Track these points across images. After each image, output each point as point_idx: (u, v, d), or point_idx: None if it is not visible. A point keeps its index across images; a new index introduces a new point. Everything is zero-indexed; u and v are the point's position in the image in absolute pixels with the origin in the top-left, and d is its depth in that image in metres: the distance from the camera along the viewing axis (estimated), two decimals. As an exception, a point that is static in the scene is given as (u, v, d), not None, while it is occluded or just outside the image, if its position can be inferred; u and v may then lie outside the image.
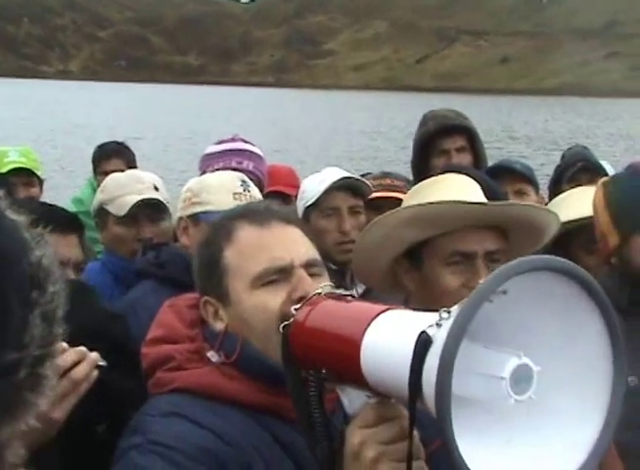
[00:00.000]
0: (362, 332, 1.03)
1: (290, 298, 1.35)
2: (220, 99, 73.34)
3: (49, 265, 0.79)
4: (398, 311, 1.06)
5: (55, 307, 0.79)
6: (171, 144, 26.96)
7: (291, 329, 1.16)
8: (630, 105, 66.08)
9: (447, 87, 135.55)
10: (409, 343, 0.93)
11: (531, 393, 0.91)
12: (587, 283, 0.95)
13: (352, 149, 26.83)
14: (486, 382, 0.92)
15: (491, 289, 0.89)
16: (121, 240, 2.81)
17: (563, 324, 0.97)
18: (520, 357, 0.91)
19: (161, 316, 1.54)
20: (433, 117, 3.43)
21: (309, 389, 1.14)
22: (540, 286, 0.94)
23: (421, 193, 1.99)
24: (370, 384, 1.04)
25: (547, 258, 0.94)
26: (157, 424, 1.34)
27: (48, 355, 0.78)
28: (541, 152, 23.79)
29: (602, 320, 0.97)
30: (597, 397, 0.97)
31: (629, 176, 2.28)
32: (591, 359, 0.97)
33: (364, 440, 1.07)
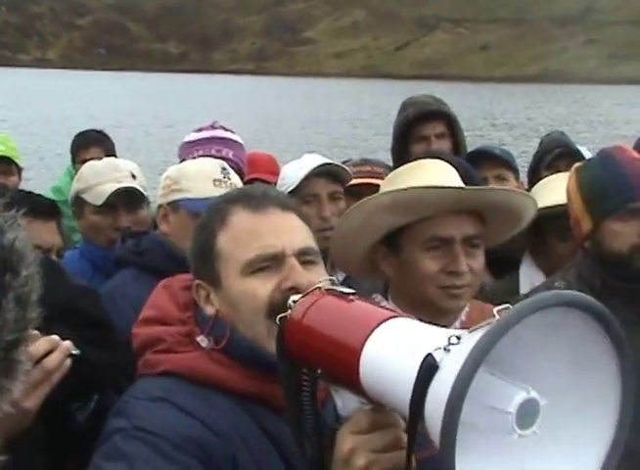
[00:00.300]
0: (363, 340, 1.00)
1: (279, 287, 1.35)
2: (201, 87, 72.85)
3: (22, 248, 0.78)
4: (403, 321, 1.03)
5: (29, 291, 0.77)
6: (152, 132, 26.76)
7: (287, 323, 1.13)
8: (608, 91, 66.46)
9: (427, 75, 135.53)
10: (413, 364, 0.90)
11: (536, 427, 0.89)
12: (605, 318, 0.92)
13: (334, 137, 26.79)
14: (491, 413, 0.89)
15: (511, 323, 0.85)
16: (99, 229, 2.80)
17: (573, 355, 0.94)
18: (528, 392, 0.88)
19: (155, 297, 1.53)
20: (412, 104, 3.44)
21: (302, 387, 1.13)
22: (554, 318, 0.91)
23: (398, 179, 1.99)
24: (367, 394, 1.02)
25: (575, 295, 0.91)
26: (143, 409, 1.33)
27: (22, 340, 0.76)
28: (522, 139, 23.88)
29: (614, 354, 0.94)
30: (602, 429, 0.95)
31: (601, 161, 2.30)
32: (599, 391, 0.95)
33: (355, 446, 1.05)
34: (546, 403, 0.89)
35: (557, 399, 0.93)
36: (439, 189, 1.83)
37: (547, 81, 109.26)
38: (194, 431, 1.30)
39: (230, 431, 1.33)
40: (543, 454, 0.94)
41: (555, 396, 0.92)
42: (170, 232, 2.42)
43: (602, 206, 2.22)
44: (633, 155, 2.32)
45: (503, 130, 30.03)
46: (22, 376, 0.77)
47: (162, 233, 2.46)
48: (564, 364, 0.94)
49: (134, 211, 2.81)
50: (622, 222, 2.19)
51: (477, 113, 37.76)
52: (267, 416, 1.36)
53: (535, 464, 0.94)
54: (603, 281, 2.24)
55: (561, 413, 0.94)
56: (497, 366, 0.91)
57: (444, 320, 1.90)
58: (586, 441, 0.95)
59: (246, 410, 1.37)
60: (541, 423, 0.89)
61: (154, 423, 1.30)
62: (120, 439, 1.30)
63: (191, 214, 2.31)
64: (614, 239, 2.19)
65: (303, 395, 1.12)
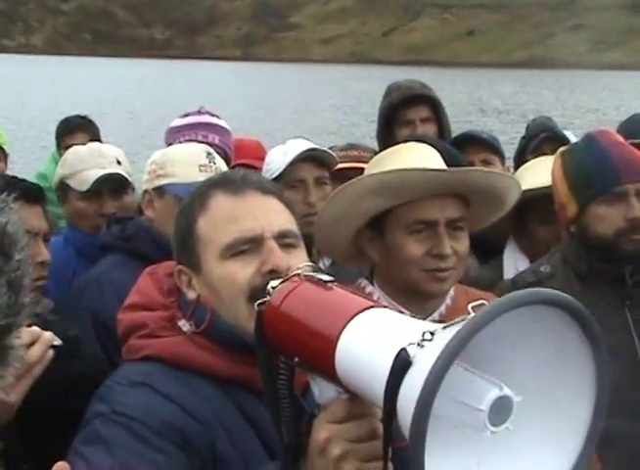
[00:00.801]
0: (339, 331, 1.00)
1: (259, 271, 1.35)
2: (187, 73, 72.37)
3: (14, 233, 0.76)
4: (380, 312, 1.02)
5: (21, 275, 0.76)
6: (137, 118, 26.60)
7: (266, 309, 1.13)
8: (596, 77, 66.62)
9: (414, 60, 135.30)
10: (387, 358, 0.90)
11: (509, 424, 0.88)
12: (582, 316, 0.92)
13: (322, 123, 26.72)
14: (464, 409, 0.88)
15: (485, 321, 0.85)
16: (83, 215, 2.78)
17: (550, 352, 0.95)
18: (500, 389, 0.87)
19: (140, 283, 1.54)
20: (397, 89, 3.44)
21: (279, 374, 1.12)
22: (531, 315, 0.91)
23: (382, 162, 1.99)
24: (343, 384, 1.02)
25: (551, 293, 0.90)
26: (123, 394, 1.34)
27: (14, 325, 0.75)
28: (512, 125, 23.90)
29: (590, 351, 0.94)
30: (575, 425, 0.95)
31: (586, 145, 2.30)
32: (575, 387, 0.95)
33: (331, 436, 1.05)
34: (520, 400, 0.88)
35: (532, 395, 0.93)
36: (423, 171, 1.83)
37: (534, 67, 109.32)
38: (174, 417, 1.30)
39: (210, 416, 1.33)
40: (518, 448, 0.94)
41: (530, 391, 0.92)
42: (156, 217, 2.41)
43: (587, 190, 2.22)
44: (618, 139, 2.32)
45: (492, 116, 30.04)
46: (16, 362, 0.76)
47: (148, 219, 2.45)
48: (541, 360, 0.94)
49: (119, 197, 2.79)
50: (608, 206, 2.19)
51: (465, 98, 37.74)
52: (248, 399, 1.36)
53: (510, 458, 0.94)
54: (588, 265, 2.25)
55: (536, 409, 0.94)
56: (473, 362, 0.91)
57: (430, 304, 1.90)
58: (562, 435, 0.95)
59: (226, 394, 1.37)
60: (516, 418, 0.89)
61: (134, 408, 1.30)
62: (100, 423, 1.31)
63: (176, 200, 2.29)
64: (599, 223, 2.20)
65: (280, 382, 1.12)
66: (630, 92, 40.41)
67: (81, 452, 1.29)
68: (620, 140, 2.32)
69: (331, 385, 1.07)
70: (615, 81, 55.76)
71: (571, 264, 2.29)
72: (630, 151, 2.27)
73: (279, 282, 1.14)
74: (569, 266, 2.29)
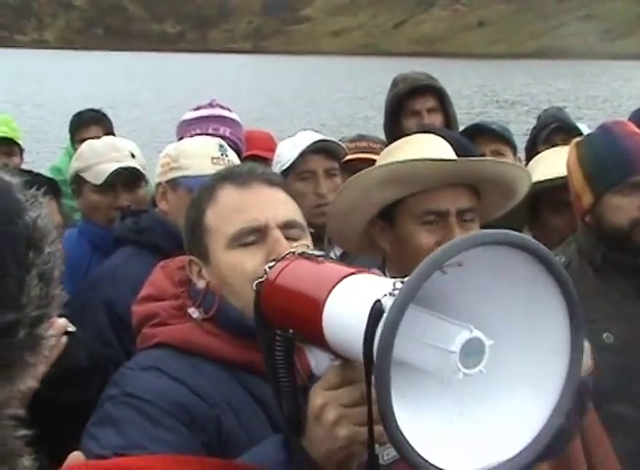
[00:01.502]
0: (325, 295, 1.03)
1: (266, 261, 1.36)
2: (198, 66, 72.44)
3: (45, 226, 0.79)
4: (364, 276, 1.06)
5: (52, 268, 0.79)
6: (149, 112, 26.66)
7: (262, 286, 1.18)
8: (607, 67, 66.09)
9: (425, 52, 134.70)
10: (364, 311, 0.93)
11: (482, 367, 0.90)
12: (545, 258, 0.94)
13: (332, 114, 26.69)
14: (437, 354, 0.91)
15: (439, 261, 0.88)
16: (98, 208, 2.81)
17: (521, 298, 0.97)
18: (471, 331, 0.90)
19: (153, 276, 1.59)
20: (403, 80, 3.46)
21: (277, 347, 1.16)
22: (498, 260, 0.93)
23: (392, 153, 1.99)
24: (332, 348, 1.05)
25: (502, 233, 0.93)
26: (134, 377, 1.39)
27: (46, 316, 0.78)
28: (526, 116, 23.79)
29: (561, 295, 0.96)
30: (554, 368, 0.97)
31: (601, 136, 2.30)
32: (549, 333, 0.96)
33: (325, 402, 1.08)
34: (494, 343, 0.90)
35: (509, 341, 0.95)
36: (433, 161, 1.84)
37: (545, 57, 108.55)
38: (180, 395, 1.34)
39: (217, 396, 1.37)
40: (499, 396, 0.96)
41: (505, 337, 0.95)
42: (169, 210, 2.43)
43: (602, 180, 2.22)
44: (633, 129, 2.31)
45: (506, 107, 29.83)
46: (47, 351, 0.79)
47: (161, 211, 2.47)
48: (514, 307, 0.97)
49: (133, 190, 2.82)
50: (623, 196, 2.19)
51: (479, 90, 37.52)
52: (256, 382, 1.39)
53: (492, 406, 0.96)
54: (603, 255, 2.24)
55: (513, 355, 0.96)
56: (446, 311, 0.94)
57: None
58: (541, 378, 0.97)
59: (234, 378, 1.41)
60: (495, 365, 0.91)
61: (142, 389, 1.35)
62: (111, 405, 1.36)
63: (190, 192, 2.31)
64: (614, 213, 2.20)
65: (278, 354, 1.16)
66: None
67: (93, 434, 1.34)
68: (636, 130, 2.31)
69: (325, 354, 1.10)
70: (627, 71, 55.27)
71: (585, 255, 2.29)
72: (646, 141, 2.25)
73: (275, 262, 1.19)
74: (583, 256, 2.28)
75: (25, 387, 0.78)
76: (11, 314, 0.74)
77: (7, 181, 0.80)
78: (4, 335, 0.74)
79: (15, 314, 0.74)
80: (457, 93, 28.98)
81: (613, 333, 2.17)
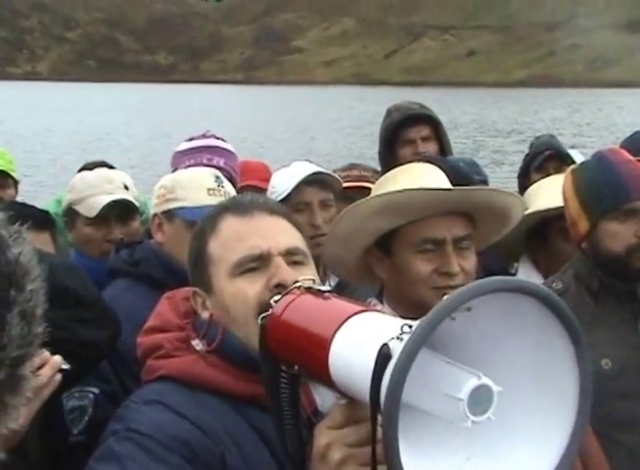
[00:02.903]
0: (332, 334, 1.02)
1: (267, 285, 1.38)
2: (191, 97, 72.90)
3: (27, 263, 0.77)
4: (370, 315, 1.05)
5: (34, 306, 0.77)
6: (143, 143, 26.76)
7: (268, 321, 1.17)
8: (597, 95, 66.84)
9: (416, 81, 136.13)
10: (371, 354, 0.92)
11: (490, 413, 0.89)
12: (556, 306, 0.94)
13: (326, 144, 26.84)
14: (445, 400, 0.90)
15: (450, 308, 0.88)
16: (91, 240, 2.79)
17: (530, 345, 0.96)
18: (479, 378, 0.89)
19: (159, 307, 1.58)
20: (396, 109, 3.49)
21: (281, 384, 1.15)
22: (507, 306, 0.93)
23: (389, 182, 2.00)
24: (337, 386, 1.04)
25: (513, 280, 0.93)
26: (137, 412, 1.38)
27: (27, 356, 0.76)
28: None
29: (569, 341, 0.95)
30: (562, 418, 0.96)
31: (596, 163, 2.32)
32: (557, 379, 0.96)
33: (331, 441, 1.06)
34: (502, 391, 0.90)
35: (515, 388, 0.94)
36: (428, 190, 1.85)
37: (534, 86, 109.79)
38: (183, 431, 1.33)
39: (220, 431, 1.36)
40: (507, 443, 0.96)
41: (513, 384, 0.94)
42: (165, 241, 2.42)
43: (598, 206, 2.24)
44: (627, 157, 2.35)
45: (500, 136, 30.00)
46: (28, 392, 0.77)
47: (157, 243, 2.46)
48: (523, 354, 0.96)
49: (126, 222, 2.81)
50: (618, 223, 2.21)
51: (473, 119, 37.79)
52: (259, 417, 1.38)
53: (499, 452, 0.95)
54: (600, 281, 2.26)
55: (522, 403, 0.95)
56: (454, 354, 0.93)
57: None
58: (548, 427, 0.96)
59: (238, 411, 1.39)
60: (503, 412, 0.90)
61: (145, 424, 1.34)
62: (114, 440, 1.34)
63: (186, 223, 2.31)
64: (610, 239, 2.21)
65: (282, 391, 1.15)
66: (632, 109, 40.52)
67: (94, 469, 1.32)
68: (630, 158, 2.34)
69: (330, 392, 1.09)
70: (616, 99, 55.92)
71: (583, 281, 2.30)
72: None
73: (281, 296, 1.18)
74: (581, 283, 2.29)
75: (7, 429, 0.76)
76: None
77: None
78: None
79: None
80: (452, 122, 29.31)
81: (611, 359, 2.17)
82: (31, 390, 0.77)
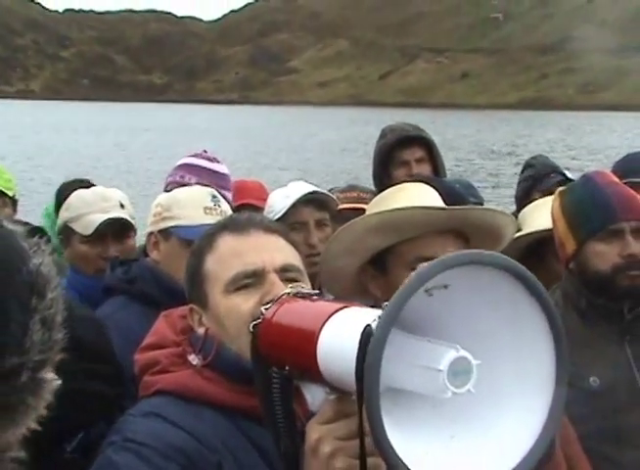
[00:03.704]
0: (319, 328, 1.05)
1: (261, 302, 1.38)
2: (186, 117, 73.10)
3: (47, 273, 0.82)
4: (356, 308, 1.08)
5: (54, 313, 0.82)
6: (137, 162, 26.80)
7: (259, 326, 1.19)
8: (587, 118, 67.37)
9: (410, 102, 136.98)
10: (356, 336, 0.95)
11: (470, 386, 0.92)
12: (525, 278, 0.97)
13: (321, 164, 26.94)
14: (425, 374, 0.93)
15: (423, 278, 0.91)
16: (87, 258, 2.80)
17: (507, 319, 0.99)
18: (457, 350, 0.92)
19: (156, 325, 1.60)
20: (391, 131, 3.52)
21: (273, 386, 1.17)
22: (483, 282, 0.96)
23: (384, 202, 2.03)
24: (326, 379, 1.06)
25: (482, 252, 0.96)
26: (134, 423, 1.40)
27: (48, 360, 0.81)
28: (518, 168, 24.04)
29: (544, 316, 0.98)
30: (541, 389, 0.98)
31: (583, 185, 2.36)
32: (534, 351, 0.98)
33: (322, 435, 1.08)
34: (481, 364, 0.92)
35: (495, 362, 0.97)
36: (421, 209, 1.88)
37: (527, 108, 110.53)
38: (179, 440, 1.35)
39: (217, 442, 1.38)
40: (485, 418, 0.98)
41: (492, 358, 0.97)
42: (161, 260, 2.43)
43: (585, 227, 2.27)
44: (613, 179, 2.39)
45: (497, 159, 30.10)
46: (48, 395, 0.81)
47: (153, 261, 2.47)
48: (500, 327, 0.99)
49: (122, 240, 2.82)
50: (604, 243, 2.24)
51: (471, 141, 37.95)
52: (255, 429, 1.39)
53: (483, 428, 0.98)
54: (588, 300, 2.29)
55: (501, 376, 0.98)
56: (435, 333, 0.97)
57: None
58: (526, 401, 0.98)
59: (234, 424, 1.41)
60: (479, 385, 0.92)
61: (142, 434, 1.36)
62: (111, 451, 1.37)
63: (182, 242, 2.33)
64: (597, 259, 2.24)
65: (274, 393, 1.16)
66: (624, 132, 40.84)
67: None
68: (616, 180, 2.39)
69: (321, 390, 1.11)
70: (608, 122, 56.38)
71: (570, 300, 2.33)
72: (625, 190, 2.32)
73: (270, 304, 1.21)
74: (569, 302, 2.32)
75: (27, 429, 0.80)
76: (15, 359, 0.77)
77: (10, 230, 0.83)
78: (8, 379, 0.76)
79: (18, 359, 0.77)
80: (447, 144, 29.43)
81: (599, 377, 2.19)
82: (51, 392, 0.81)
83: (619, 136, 39.12)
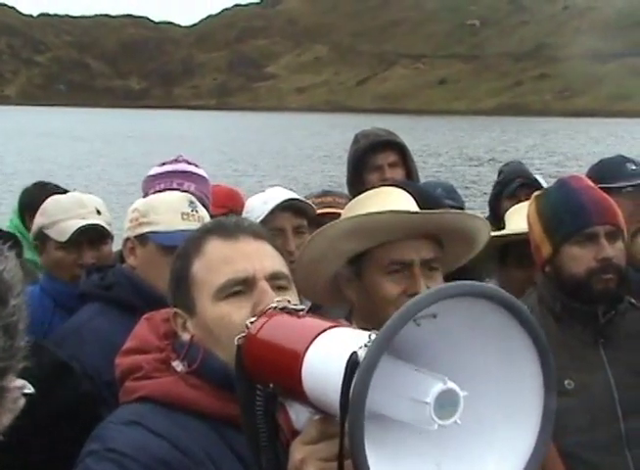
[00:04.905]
0: (305, 349, 1.04)
1: (254, 311, 1.37)
2: (164, 122, 72.79)
3: (10, 279, 0.80)
4: (342, 329, 1.07)
5: (16, 320, 0.79)
6: (115, 168, 26.62)
7: (244, 341, 1.18)
8: (563, 124, 68.06)
9: (388, 108, 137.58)
10: (341, 363, 0.95)
11: (457, 418, 0.92)
12: (516, 310, 0.97)
13: (299, 170, 26.94)
14: (412, 405, 0.93)
15: (413, 311, 0.91)
16: (62, 265, 2.77)
17: (495, 349, 0.99)
18: (445, 382, 0.92)
19: (137, 329, 1.57)
20: (364, 136, 3.53)
21: (257, 402, 1.16)
22: (472, 311, 0.96)
23: (357, 206, 2.04)
24: (311, 401, 1.05)
25: (473, 284, 0.95)
26: (116, 432, 1.37)
27: (10, 368, 0.78)
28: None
29: (533, 346, 0.98)
30: (528, 423, 0.98)
31: (558, 190, 2.39)
32: (522, 383, 0.99)
33: (305, 456, 1.07)
34: (468, 396, 0.92)
35: (482, 394, 0.97)
36: (395, 214, 1.89)
37: (504, 114, 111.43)
38: (162, 451, 1.33)
39: (200, 452, 1.36)
40: (472, 448, 0.98)
41: (480, 390, 0.97)
42: (138, 265, 2.41)
43: (560, 231, 2.30)
44: (588, 183, 2.42)
45: (479, 165, 30.19)
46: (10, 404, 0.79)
47: (130, 266, 2.45)
48: (488, 360, 0.99)
49: (98, 247, 2.79)
50: (579, 247, 2.26)
51: (451, 147, 38.05)
52: (238, 438, 1.36)
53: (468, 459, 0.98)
54: (563, 304, 2.31)
55: (488, 408, 0.98)
56: (422, 362, 0.97)
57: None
58: (512, 434, 0.98)
59: (218, 433, 1.40)
60: (466, 417, 0.92)
61: (124, 444, 1.33)
62: (92, 461, 1.34)
63: (159, 247, 2.32)
64: (572, 263, 2.27)
65: (257, 410, 1.16)
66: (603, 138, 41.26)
67: None
68: (591, 184, 2.41)
69: (305, 409, 1.11)
70: (585, 128, 56.99)
71: (546, 304, 2.35)
72: (600, 194, 2.35)
73: (256, 318, 1.20)
74: (544, 306, 2.34)
75: None
76: None
77: None
78: None
79: None
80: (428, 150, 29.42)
81: (574, 380, 2.21)
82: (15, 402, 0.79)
83: (597, 143, 39.53)
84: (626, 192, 3.17)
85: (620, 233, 2.30)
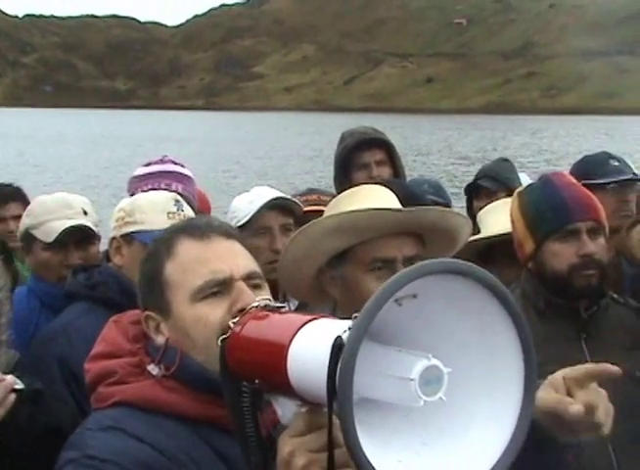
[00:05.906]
0: (289, 341, 1.05)
1: (230, 310, 1.37)
2: (150, 123, 72.52)
3: None
4: (325, 320, 1.08)
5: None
6: (101, 168, 26.51)
7: (228, 340, 1.18)
8: (550, 122, 68.27)
9: (376, 107, 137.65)
10: (326, 348, 0.95)
11: (442, 394, 0.93)
12: (494, 287, 0.98)
13: (286, 170, 26.92)
14: (397, 384, 0.94)
15: (393, 288, 0.91)
16: (48, 266, 2.75)
17: (477, 327, 1.00)
18: (429, 359, 0.93)
19: (105, 332, 1.54)
20: (351, 134, 3.54)
21: (243, 400, 1.16)
22: (452, 291, 0.97)
23: (340, 204, 2.05)
24: (297, 392, 1.05)
25: (451, 262, 0.97)
26: (94, 438, 1.35)
27: None
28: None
29: (512, 325, 1.00)
30: (510, 397, 1.00)
31: (541, 186, 2.41)
32: (504, 362, 1.00)
33: (294, 448, 1.07)
34: (451, 372, 0.94)
35: (465, 370, 0.99)
36: (377, 211, 1.90)
37: (491, 112, 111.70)
38: (144, 455, 1.31)
39: (181, 454, 1.35)
40: (456, 426, 1.00)
41: (463, 366, 0.99)
42: (124, 264, 2.41)
43: (542, 227, 2.32)
44: (570, 180, 2.44)
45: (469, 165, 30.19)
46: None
47: (116, 266, 2.45)
48: (469, 336, 1.01)
49: (85, 247, 2.77)
50: (561, 243, 2.28)
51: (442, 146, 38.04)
52: (220, 439, 1.37)
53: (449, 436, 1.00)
54: (545, 300, 2.33)
55: (471, 385, 1.00)
56: (405, 342, 0.98)
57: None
58: (496, 409, 1.01)
59: (198, 434, 1.38)
60: (450, 393, 0.94)
61: (104, 450, 1.31)
62: (71, 469, 1.31)
63: (145, 247, 2.30)
64: (554, 259, 2.29)
65: (244, 406, 1.16)
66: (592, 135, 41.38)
67: None
68: (573, 181, 2.44)
69: (292, 403, 1.11)
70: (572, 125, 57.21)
71: (529, 299, 2.37)
72: (582, 191, 2.38)
73: (238, 318, 1.21)
74: (527, 301, 2.36)
75: None
76: None
77: None
78: None
79: None
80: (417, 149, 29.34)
81: None
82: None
83: (588, 140, 39.68)
84: (610, 188, 3.21)
85: (602, 229, 2.32)
